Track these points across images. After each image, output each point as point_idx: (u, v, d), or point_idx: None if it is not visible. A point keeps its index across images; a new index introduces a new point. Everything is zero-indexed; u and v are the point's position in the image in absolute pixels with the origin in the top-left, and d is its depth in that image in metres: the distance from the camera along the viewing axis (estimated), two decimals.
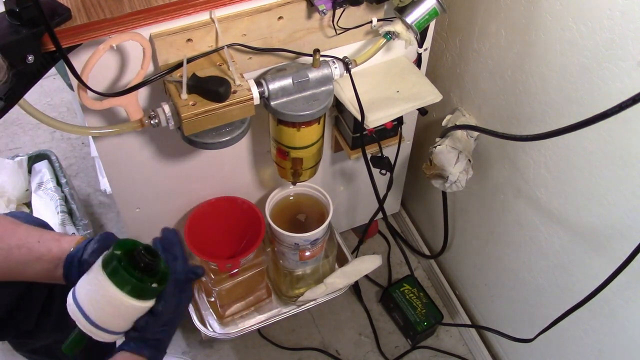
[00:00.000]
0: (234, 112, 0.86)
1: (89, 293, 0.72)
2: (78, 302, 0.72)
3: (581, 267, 1.00)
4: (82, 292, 0.73)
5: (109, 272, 0.71)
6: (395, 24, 0.94)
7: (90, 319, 0.72)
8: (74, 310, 0.72)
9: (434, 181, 1.16)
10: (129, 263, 0.72)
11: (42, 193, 1.42)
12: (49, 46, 0.73)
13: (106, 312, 0.72)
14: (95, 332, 0.73)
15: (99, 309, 0.72)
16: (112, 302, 0.72)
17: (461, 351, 1.45)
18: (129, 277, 0.71)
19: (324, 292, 1.24)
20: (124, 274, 0.71)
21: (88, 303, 0.72)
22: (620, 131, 0.82)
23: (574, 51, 0.86)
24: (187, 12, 0.82)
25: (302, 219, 1.25)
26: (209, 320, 1.26)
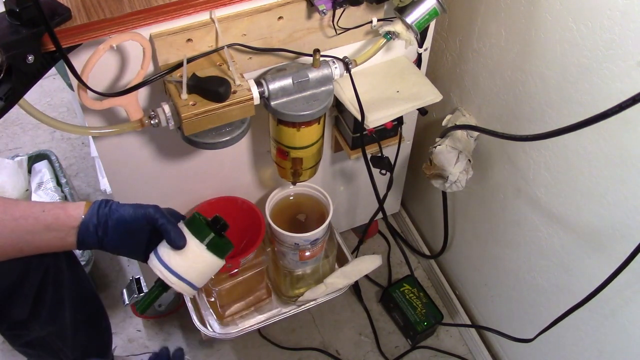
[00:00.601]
0: (234, 112, 0.86)
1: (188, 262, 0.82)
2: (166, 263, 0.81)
3: (581, 267, 1.00)
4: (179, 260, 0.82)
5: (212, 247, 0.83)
6: (395, 24, 0.94)
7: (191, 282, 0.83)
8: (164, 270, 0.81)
9: (434, 181, 1.16)
10: (213, 229, 0.84)
11: (42, 193, 1.42)
12: (49, 46, 0.73)
13: (202, 274, 0.84)
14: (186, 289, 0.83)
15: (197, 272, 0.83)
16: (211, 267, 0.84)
17: (461, 351, 1.45)
18: (223, 244, 0.85)
19: (324, 292, 1.24)
20: (221, 242, 0.84)
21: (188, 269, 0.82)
22: (620, 131, 0.83)
23: (574, 51, 0.86)
24: (187, 12, 0.82)
25: (302, 219, 1.25)
26: (209, 320, 1.26)
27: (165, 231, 0.81)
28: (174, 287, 0.82)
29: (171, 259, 0.81)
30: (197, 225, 0.83)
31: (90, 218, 0.81)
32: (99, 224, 0.81)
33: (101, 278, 1.55)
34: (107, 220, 0.81)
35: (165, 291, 0.85)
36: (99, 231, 0.81)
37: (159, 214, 0.82)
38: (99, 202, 0.83)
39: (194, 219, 0.83)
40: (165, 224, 0.81)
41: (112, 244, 0.82)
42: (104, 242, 0.82)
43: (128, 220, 0.82)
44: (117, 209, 0.82)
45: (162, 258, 0.82)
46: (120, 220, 0.82)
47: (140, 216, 0.82)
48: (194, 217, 0.84)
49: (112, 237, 0.82)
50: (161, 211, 0.83)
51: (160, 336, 1.45)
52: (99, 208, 0.82)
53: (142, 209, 0.83)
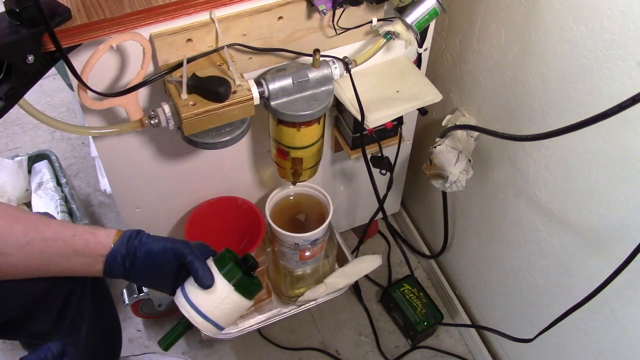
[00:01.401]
0: (234, 112, 0.86)
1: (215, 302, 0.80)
2: (192, 302, 0.79)
3: (581, 267, 1.00)
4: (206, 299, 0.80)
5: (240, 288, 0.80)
6: (395, 24, 0.94)
7: (216, 323, 0.81)
8: (190, 310, 0.80)
9: (434, 181, 1.16)
10: (242, 269, 0.81)
11: (42, 193, 1.42)
12: (49, 46, 0.73)
13: (228, 315, 0.81)
14: (211, 329, 0.81)
15: (223, 313, 0.81)
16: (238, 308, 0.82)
17: (461, 351, 1.45)
18: (252, 285, 0.82)
19: (324, 292, 1.24)
20: (246, 280, 0.81)
21: (214, 310, 0.80)
22: (620, 131, 0.83)
23: (574, 51, 0.86)
24: (187, 12, 0.82)
25: (302, 219, 1.25)
26: None
27: (193, 269, 0.79)
28: (199, 326, 0.80)
29: (198, 298, 0.79)
30: (226, 264, 0.81)
31: (119, 248, 0.79)
32: (128, 255, 0.79)
33: None
34: (136, 252, 0.80)
35: (190, 329, 0.83)
36: (126, 263, 0.79)
37: (188, 250, 0.80)
38: (130, 233, 0.81)
39: (223, 257, 0.82)
40: (193, 261, 0.79)
41: (138, 276, 0.81)
42: (130, 273, 0.80)
43: (156, 254, 0.80)
44: (147, 241, 0.81)
45: (189, 296, 0.80)
46: (149, 253, 0.80)
47: (169, 251, 0.80)
48: (223, 255, 0.82)
49: (139, 270, 0.80)
50: (191, 247, 0.81)
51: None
52: (129, 239, 0.80)
53: (172, 244, 0.81)
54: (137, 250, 0.80)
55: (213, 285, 0.79)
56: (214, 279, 0.79)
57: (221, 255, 0.82)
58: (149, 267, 0.81)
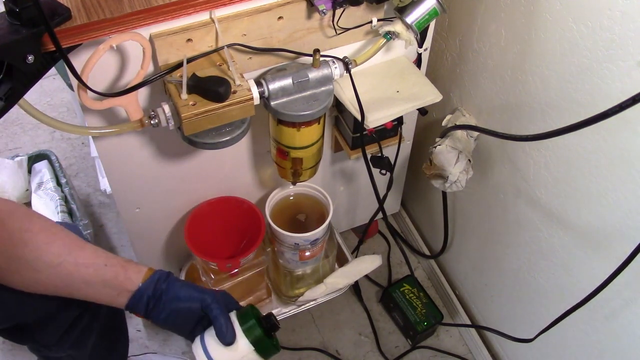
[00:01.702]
0: (234, 112, 0.86)
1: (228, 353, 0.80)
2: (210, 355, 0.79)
3: (581, 267, 1.00)
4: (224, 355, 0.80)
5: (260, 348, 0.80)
6: (395, 24, 0.94)
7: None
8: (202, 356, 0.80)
9: (434, 181, 1.16)
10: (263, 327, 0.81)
11: (42, 193, 1.42)
12: (49, 46, 0.73)
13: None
14: None
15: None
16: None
17: (461, 351, 1.45)
18: (271, 346, 0.81)
19: (324, 292, 1.24)
20: (266, 341, 0.81)
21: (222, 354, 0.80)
22: (620, 131, 0.83)
23: (574, 51, 0.86)
24: (187, 12, 0.82)
25: (302, 219, 1.25)
26: None
27: (217, 323, 0.79)
28: None
29: (216, 353, 0.79)
30: (249, 322, 0.80)
31: (147, 288, 0.79)
32: (154, 296, 0.79)
33: None
34: (162, 295, 0.80)
35: None
36: (150, 303, 0.80)
37: (215, 304, 0.80)
38: (160, 274, 0.81)
39: (247, 315, 0.81)
40: (218, 316, 0.79)
41: (160, 318, 0.81)
42: (152, 314, 0.80)
43: (182, 300, 0.80)
44: (174, 286, 0.81)
45: (208, 349, 0.80)
46: (174, 299, 0.80)
47: (195, 300, 0.81)
48: (247, 313, 0.82)
49: (162, 313, 0.80)
50: (217, 300, 0.81)
51: (161, 336, 1.45)
52: (158, 281, 0.80)
53: (199, 294, 0.81)
54: (163, 294, 0.80)
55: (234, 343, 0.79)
56: (235, 336, 0.79)
57: (245, 312, 0.82)
58: (172, 312, 0.81)
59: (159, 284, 0.80)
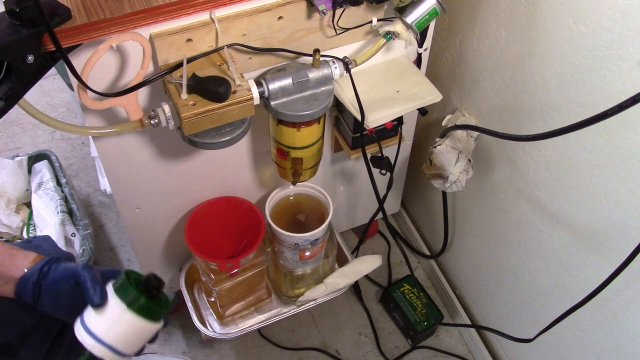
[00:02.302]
0: (234, 112, 0.86)
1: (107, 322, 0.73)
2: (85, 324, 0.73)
3: (581, 267, 1.00)
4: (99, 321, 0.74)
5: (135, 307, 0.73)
6: (395, 24, 0.94)
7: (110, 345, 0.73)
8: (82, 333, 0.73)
9: (434, 181, 1.16)
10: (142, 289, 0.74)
11: (42, 193, 1.42)
12: (49, 46, 0.73)
13: (125, 337, 0.74)
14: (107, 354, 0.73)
15: (118, 335, 0.73)
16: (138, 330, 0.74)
17: (461, 351, 1.45)
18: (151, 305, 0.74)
19: (324, 292, 1.24)
20: (148, 303, 0.73)
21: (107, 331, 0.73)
22: (620, 131, 0.83)
23: (574, 51, 0.86)
24: (187, 12, 0.82)
25: (302, 219, 1.25)
26: (209, 320, 1.26)
27: (84, 288, 0.74)
28: (94, 352, 0.73)
29: (91, 320, 0.73)
30: (121, 284, 0.74)
31: (31, 274, 0.76)
32: (38, 283, 0.76)
33: None
34: (43, 280, 0.76)
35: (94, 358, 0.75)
36: (35, 290, 0.76)
37: (85, 271, 0.75)
38: (46, 260, 0.78)
39: (120, 277, 0.75)
40: (86, 280, 0.74)
41: (45, 304, 0.77)
42: (37, 302, 0.77)
43: (59, 280, 0.77)
44: (54, 269, 0.77)
45: (84, 319, 0.74)
46: (53, 281, 0.77)
47: (69, 275, 0.76)
48: (120, 275, 0.75)
49: (45, 297, 0.77)
50: (90, 269, 0.76)
51: (160, 336, 1.45)
52: (43, 266, 0.77)
53: (72, 268, 0.77)
54: (45, 276, 0.76)
55: (105, 305, 0.73)
56: (105, 298, 0.74)
57: (119, 278, 0.75)
58: (53, 294, 0.77)
59: (44, 269, 0.77)
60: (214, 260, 1.11)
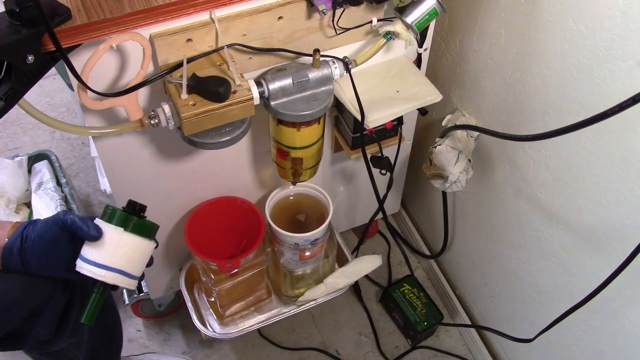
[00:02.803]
0: (234, 112, 0.86)
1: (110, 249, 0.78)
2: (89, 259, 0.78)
3: (581, 267, 1.00)
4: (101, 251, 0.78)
5: (130, 227, 0.79)
6: (395, 24, 0.94)
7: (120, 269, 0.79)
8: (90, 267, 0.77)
9: (434, 181, 1.16)
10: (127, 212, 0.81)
11: (42, 193, 1.42)
12: (49, 46, 0.73)
13: (129, 258, 0.80)
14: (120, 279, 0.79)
15: (123, 258, 0.79)
16: (138, 249, 0.81)
17: (461, 351, 1.45)
18: (143, 222, 0.81)
19: (324, 292, 1.24)
20: (140, 221, 0.81)
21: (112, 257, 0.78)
22: (620, 131, 0.83)
23: (574, 51, 0.86)
24: (187, 12, 0.82)
25: (302, 219, 1.25)
26: (209, 320, 1.26)
27: (77, 228, 0.77)
28: (106, 280, 0.78)
29: (94, 253, 0.77)
30: (110, 213, 0.79)
31: (14, 242, 0.77)
32: (22, 247, 0.77)
33: None
34: (27, 240, 0.77)
35: (107, 292, 0.81)
36: (21, 254, 0.77)
37: (68, 215, 0.78)
38: (25, 224, 0.79)
39: (105, 210, 0.81)
40: (75, 220, 0.77)
41: (34, 264, 0.78)
42: (26, 264, 0.78)
43: (42, 233, 0.78)
44: (36, 227, 0.78)
45: (85, 255, 0.78)
46: (38, 236, 0.78)
47: (52, 224, 0.78)
48: (105, 208, 0.81)
49: (34, 257, 0.77)
50: (70, 212, 0.79)
51: (160, 336, 1.45)
52: (24, 229, 0.78)
53: (52, 218, 0.78)
54: (28, 238, 0.77)
55: (102, 235, 0.77)
56: (100, 229, 0.77)
57: (104, 210, 0.81)
58: (42, 250, 0.78)
59: (25, 232, 0.78)
60: (214, 260, 1.11)
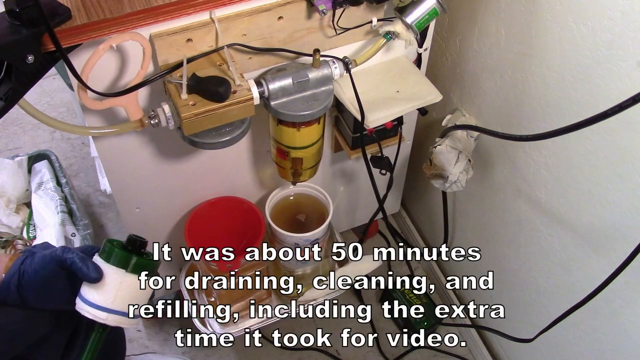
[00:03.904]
0: (234, 112, 0.86)
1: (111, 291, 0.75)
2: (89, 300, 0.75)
3: (581, 267, 1.00)
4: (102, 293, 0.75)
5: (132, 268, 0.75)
6: (395, 24, 0.94)
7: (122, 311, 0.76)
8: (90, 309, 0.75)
9: (434, 181, 1.16)
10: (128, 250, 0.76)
11: (42, 193, 1.42)
12: (49, 46, 0.73)
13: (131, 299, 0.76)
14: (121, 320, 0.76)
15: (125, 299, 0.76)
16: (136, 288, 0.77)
17: (461, 351, 1.45)
18: (144, 261, 0.77)
19: (324, 292, 1.24)
20: (141, 260, 0.76)
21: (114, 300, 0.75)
22: (620, 131, 0.83)
23: (574, 51, 0.86)
24: (187, 12, 0.82)
25: (302, 219, 1.25)
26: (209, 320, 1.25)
27: (76, 269, 0.74)
28: (108, 323, 0.76)
29: (94, 295, 0.75)
30: (109, 252, 0.76)
31: (11, 277, 0.74)
32: (19, 283, 0.74)
33: None
34: (24, 276, 0.74)
35: (105, 332, 0.79)
36: (20, 290, 0.74)
37: (67, 254, 0.74)
38: (22, 259, 0.75)
39: (104, 247, 0.77)
40: (74, 261, 0.74)
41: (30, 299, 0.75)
42: (26, 300, 0.75)
43: (39, 269, 0.75)
44: (32, 262, 0.75)
45: (86, 297, 0.75)
46: (34, 272, 0.75)
47: (49, 260, 0.75)
48: (105, 245, 0.77)
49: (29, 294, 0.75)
50: (69, 249, 0.75)
51: (160, 336, 1.45)
52: (21, 264, 0.75)
53: (50, 253, 0.75)
54: (25, 273, 0.74)
55: (103, 276, 0.74)
56: (101, 271, 0.74)
57: (103, 246, 0.77)
58: (39, 287, 0.75)
59: (21, 269, 0.75)
60: (214, 260, 1.11)
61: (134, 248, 0.77)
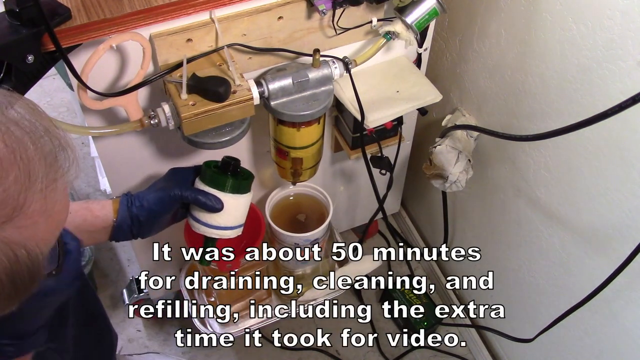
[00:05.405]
0: (234, 112, 0.86)
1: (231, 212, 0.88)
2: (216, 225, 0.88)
3: (581, 267, 1.00)
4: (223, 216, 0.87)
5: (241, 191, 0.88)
6: (395, 24, 0.94)
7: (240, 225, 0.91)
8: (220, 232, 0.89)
9: (434, 181, 1.16)
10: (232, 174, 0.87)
11: None
12: (49, 46, 0.73)
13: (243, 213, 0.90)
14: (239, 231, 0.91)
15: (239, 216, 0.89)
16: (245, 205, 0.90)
17: (461, 351, 1.45)
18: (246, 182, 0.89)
19: (324, 292, 1.24)
20: (243, 182, 0.88)
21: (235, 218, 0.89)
22: (620, 131, 0.83)
23: (574, 51, 0.86)
24: (187, 12, 0.82)
25: (302, 219, 1.25)
26: (209, 320, 1.25)
27: (200, 203, 0.85)
28: (232, 236, 0.90)
29: (219, 220, 0.87)
30: (217, 180, 0.86)
31: (123, 220, 0.84)
32: (133, 223, 0.84)
33: (101, 278, 1.55)
34: (139, 218, 0.85)
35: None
36: (133, 230, 0.85)
37: (185, 191, 0.85)
38: (126, 201, 0.85)
39: (212, 176, 0.86)
40: (197, 198, 0.85)
41: (145, 233, 0.87)
42: (138, 235, 0.86)
43: (159, 210, 0.85)
44: (144, 203, 0.85)
45: (210, 223, 0.87)
46: (152, 213, 0.85)
47: (169, 201, 0.85)
48: (212, 174, 0.86)
49: (145, 228, 0.86)
50: (180, 186, 0.86)
51: (160, 336, 1.45)
52: (129, 208, 0.85)
53: (167, 194, 0.85)
54: (139, 216, 0.85)
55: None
56: (222, 202, 0.86)
57: (208, 175, 0.86)
58: (154, 223, 0.86)
59: (132, 210, 0.85)
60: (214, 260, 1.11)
61: (235, 171, 0.87)
